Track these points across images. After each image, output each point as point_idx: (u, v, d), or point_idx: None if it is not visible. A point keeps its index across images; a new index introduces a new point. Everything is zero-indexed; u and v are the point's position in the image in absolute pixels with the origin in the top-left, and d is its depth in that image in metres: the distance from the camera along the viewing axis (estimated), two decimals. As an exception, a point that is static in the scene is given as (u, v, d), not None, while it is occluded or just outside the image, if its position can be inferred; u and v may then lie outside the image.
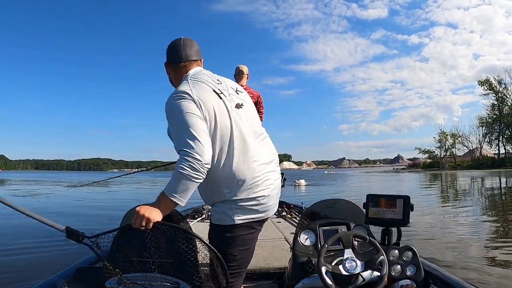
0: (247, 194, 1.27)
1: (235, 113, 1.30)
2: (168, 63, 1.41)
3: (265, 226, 3.42)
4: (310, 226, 1.77)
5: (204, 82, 1.31)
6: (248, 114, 1.35)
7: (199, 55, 1.42)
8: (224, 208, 1.30)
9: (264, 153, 1.35)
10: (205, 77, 1.34)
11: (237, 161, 1.26)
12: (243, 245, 1.33)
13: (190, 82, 1.30)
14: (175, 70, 1.40)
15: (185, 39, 1.40)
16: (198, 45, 1.43)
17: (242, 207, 1.28)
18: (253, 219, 1.31)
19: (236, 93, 1.38)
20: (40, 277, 1.60)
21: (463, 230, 5.92)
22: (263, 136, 1.40)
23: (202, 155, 1.14)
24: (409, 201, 1.65)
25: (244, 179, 1.26)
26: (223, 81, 1.39)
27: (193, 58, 1.39)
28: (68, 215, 8.35)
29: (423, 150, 57.08)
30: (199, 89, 1.27)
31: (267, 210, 1.35)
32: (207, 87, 1.30)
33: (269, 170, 1.34)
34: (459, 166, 49.71)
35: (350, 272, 1.43)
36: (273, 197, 1.36)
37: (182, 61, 1.37)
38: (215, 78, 1.37)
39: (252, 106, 1.42)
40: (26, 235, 5.46)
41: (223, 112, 1.27)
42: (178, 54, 1.37)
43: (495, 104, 47.64)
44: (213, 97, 1.28)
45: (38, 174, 75.13)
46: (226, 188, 1.28)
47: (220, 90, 1.32)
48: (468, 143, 52.30)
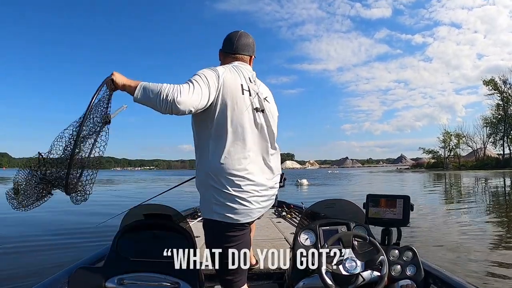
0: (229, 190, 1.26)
1: (250, 113, 1.31)
2: (221, 50, 1.50)
3: (265, 226, 3.47)
4: (310, 226, 1.77)
5: (238, 74, 1.36)
6: (262, 122, 1.34)
7: (251, 51, 1.48)
8: (205, 200, 1.31)
9: (262, 165, 1.34)
10: (243, 71, 1.39)
11: (228, 152, 1.26)
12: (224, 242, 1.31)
13: (229, 66, 1.37)
14: (225, 58, 1.48)
15: (242, 33, 1.47)
16: (254, 41, 1.49)
17: (221, 204, 1.27)
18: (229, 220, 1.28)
19: (263, 100, 1.39)
20: (40, 277, 1.60)
21: (469, 231, 5.86)
22: (271, 151, 1.38)
23: (182, 96, 1.16)
24: (409, 201, 1.65)
25: (229, 173, 1.25)
26: (258, 85, 1.42)
27: (243, 52, 1.45)
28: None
29: (427, 150, 56.72)
30: (230, 74, 1.32)
31: (243, 217, 1.30)
32: (239, 78, 1.34)
33: (260, 181, 1.32)
34: (463, 166, 49.28)
35: (350, 272, 1.44)
36: (255, 208, 1.31)
37: (233, 53, 1.45)
38: (253, 78, 1.40)
39: (272, 120, 1.40)
40: (26, 235, 5.49)
41: (238, 104, 1.29)
42: (231, 45, 1.46)
43: (500, 104, 47.26)
44: (237, 87, 1.31)
45: None
46: (210, 178, 1.27)
47: (249, 87, 1.35)
48: (473, 143, 51.95)
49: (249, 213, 1.29)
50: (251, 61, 1.49)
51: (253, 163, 1.30)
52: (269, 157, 1.36)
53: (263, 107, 1.36)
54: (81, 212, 8.68)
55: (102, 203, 10.39)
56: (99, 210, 8.97)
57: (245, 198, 1.27)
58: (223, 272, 1.31)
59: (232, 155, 1.26)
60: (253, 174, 1.29)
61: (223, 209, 1.26)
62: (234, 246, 1.28)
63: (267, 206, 1.38)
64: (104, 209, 9.00)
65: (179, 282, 1.42)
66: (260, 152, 1.34)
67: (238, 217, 1.26)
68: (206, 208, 1.30)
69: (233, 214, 1.26)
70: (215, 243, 1.31)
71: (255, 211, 1.31)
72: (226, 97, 1.27)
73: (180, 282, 1.43)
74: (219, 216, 1.26)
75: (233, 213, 1.26)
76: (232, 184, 1.25)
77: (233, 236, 1.28)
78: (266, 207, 1.38)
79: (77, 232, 5.90)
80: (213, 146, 1.28)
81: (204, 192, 1.31)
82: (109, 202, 10.96)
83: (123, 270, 1.41)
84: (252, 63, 1.50)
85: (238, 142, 1.27)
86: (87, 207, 10.05)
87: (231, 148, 1.26)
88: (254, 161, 1.30)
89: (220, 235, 1.28)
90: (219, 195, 1.26)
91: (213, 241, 1.32)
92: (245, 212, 1.27)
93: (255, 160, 1.31)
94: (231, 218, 1.26)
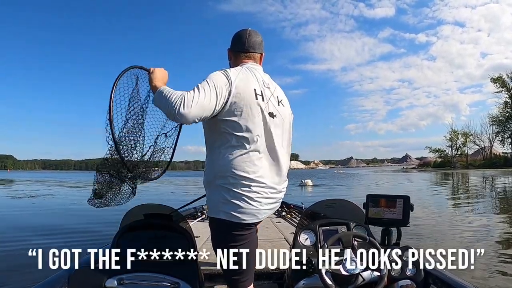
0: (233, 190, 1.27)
1: (263, 118, 1.30)
2: (231, 49, 1.48)
3: (265, 226, 3.46)
4: (310, 226, 1.78)
5: (253, 76, 1.34)
6: (276, 127, 1.33)
7: (261, 48, 1.47)
8: (212, 199, 1.31)
9: (273, 168, 1.33)
10: (257, 74, 1.37)
11: (239, 155, 1.25)
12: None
13: (242, 69, 1.34)
14: (236, 57, 1.46)
15: (251, 31, 1.45)
16: (262, 39, 1.48)
17: (228, 203, 1.27)
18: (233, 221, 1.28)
19: (277, 104, 1.37)
20: (40, 276, 1.61)
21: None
22: (283, 155, 1.37)
23: (184, 109, 1.17)
24: (409, 201, 1.64)
25: (239, 175, 1.25)
26: (273, 88, 1.40)
27: (254, 50, 1.44)
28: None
29: (433, 149, 56.18)
30: (243, 78, 1.30)
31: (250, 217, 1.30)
32: (252, 82, 1.32)
33: (270, 184, 1.31)
34: (471, 165, 48.60)
35: (350, 272, 1.43)
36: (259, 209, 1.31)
37: (244, 51, 1.43)
38: (267, 81, 1.39)
39: (286, 124, 1.40)
40: (26, 235, 5.53)
41: (251, 109, 1.27)
42: (241, 43, 1.43)
43: (508, 102, 46.64)
44: (250, 92, 1.29)
45: (65, 175, 73.48)
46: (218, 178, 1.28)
47: (262, 92, 1.33)
48: (480, 141, 51.32)
49: (256, 213, 1.28)
50: (262, 59, 1.48)
51: (264, 167, 1.29)
52: (280, 161, 1.35)
53: (277, 111, 1.35)
54: (81, 212, 8.76)
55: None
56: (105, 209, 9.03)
57: (253, 198, 1.26)
58: (230, 272, 1.30)
59: (244, 159, 1.26)
60: (263, 177, 1.28)
61: (230, 208, 1.26)
62: (240, 246, 1.28)
63: (273, 208, 1.38)
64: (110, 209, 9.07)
65: (179, 282, 1.43)
66: (272, 156, 1.33)
67: (245, 216, 1.26)
68: (213, 206, 1.30)
69: (240, 213, 1.25)
70: (221, 242, 1.31)
71: (262, 212, 1.30)
72: (239, 102, 1.25)
73: (180, 282, 1.43)
74: (226, 215, 1.26)
75: (240, 212, 1.25)
76: (241, 184, 1.25)
77: (240, 235, 1.28)
78: (273, 209, 1.37)
79: (77, 232, 5.95)
80: (224, 149, 1.27)
81: (212, 191, 1.31)
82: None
83: (123, 270, 1.42)
84: (262, 62, 1.49)
85: (249, 146, 1.26)
86: (87, 207, 10.15)
87: (242, 151, 1.26)
88: (265, 165, 1.30)
89: (227, 234, 1.29)
90: (227, 193, 1.26)
91: (219, 240, 1.32)
92: (252, 212, 1.27)
93: (266, 164, 1.30)
94: (237, 218, 1.26)
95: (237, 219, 1.26)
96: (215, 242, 1.34)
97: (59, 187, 22.29)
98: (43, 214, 8.68)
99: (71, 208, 9.42)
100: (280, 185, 1.36)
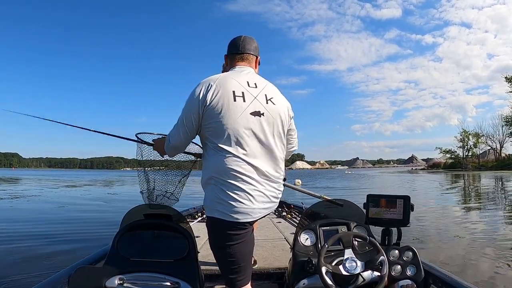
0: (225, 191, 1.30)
1: (245, 119, 1.31)
2: (227, 54, 1.53)
3: (265, 226, 3.47)
4: (310, 226, 1.77)
5: (234, 80, 1.36)
6: (262, 124, 1.34)
7: (256, 51, 1.52)
8: (207, 198, 1.34)
9: (263, 166, 1.34)
10: (242, 76, 1.39)
11: (228, 156, 1.29)
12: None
13: (222, 75, 1.39)
14: (231, 60, 1.51)
15: (245, 37, 1.51)
16: (257, 44, 1.53)
17: (222, 202, 1.29)
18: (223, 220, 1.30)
19: (266, 102, 1.38)
20: (40, 276, 1.62)
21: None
22: (274, 153, 1.37)
23: (170, 151, 1.49)
24: (409, 201, 1.63)
25: (230, 175, 1.28)
26: (262, 87, 1.40)
27: (249, 51, 1.48)
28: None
29: (444, 150, 55.49)
30: (220, 83, 1.33)
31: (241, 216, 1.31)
32: (231, 85, 1.34)
33: (261, 181, 1.33)
34: (483, 166, 47.78)
35: (350, 272, 1.43)
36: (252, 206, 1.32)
37: (238, 53, 1.48)
38: (253, 82, 1.39)
39: (278, 120, 1.39)
40: (26, 235, 5.52)
41: (230, 111, 1.30)
42: (236, 46, 1.49)
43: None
44: (228, 95, 1.31)
45: (74, 173, 71.41)
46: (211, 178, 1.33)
47: (243, 93, 1.34)
48: (492, 142, 50.64)
49: (250, 212, 1.30)
50: (257, 62, 1.52)
51: (253, 166, 1.31)
52: (270, 159, 1.36)
53: (264, 109, 1.36)
54: (81, 212, 8.80)
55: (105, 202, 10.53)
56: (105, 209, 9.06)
57: (246, 197, 1.29)
58: (227, 271, 1.33)
59: (232, 159, 1.28)
60: (254, 175, 1.30)
61: (224, 208, 1.28)
62: (236, 245, 1.30)
63: (268, 208, 1.38)
64: (110, 209, 9.10)
65: (179, 282, 1.43)
66: (261, 154, 1.34)
67: (239, 216, 1.28)
68: (209, 206, 1.34)
69: (234, 213, 1.28)
70: (217, 241, 1.34)
71: (256, 211, 1.31)
72: (217, 107, 1.29)
73: (180, 282, 1.43)
74: (220, 214, 1.29)
75: (233, 212, 1.28)
76: (232, 184, 1.28)
77: (235, 234, 1.30)
78: (268, 208, 1.38)
79: (77, 232, 5.97)
80: (214, 151, 1.32)
81: (208, 192, 1.35)
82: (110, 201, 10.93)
83: (123, 270, 1.43)
84: (258, 65, 1.52)
85: (236, 147, 1.29)
86: (87, 207, 10.03)
87: (230, 152, 1.29)
88: (254, 164, 1.31)
89: (222, 233, 1.30)
90: (221, 193, 1.29)
91: (215, 239, 1.35)
92: (246, 211, 1.29)
93: (257, 162, 1.32)
94: (231, 217, 1.28)
95: (231, 218, 1.28)
96: (211, 241, 1.37)
97: (60, 186, 22.25)
98: (43, 214, 8.70)
99: (71, 208, 9.38)
100: (274, 183, 1.38)
